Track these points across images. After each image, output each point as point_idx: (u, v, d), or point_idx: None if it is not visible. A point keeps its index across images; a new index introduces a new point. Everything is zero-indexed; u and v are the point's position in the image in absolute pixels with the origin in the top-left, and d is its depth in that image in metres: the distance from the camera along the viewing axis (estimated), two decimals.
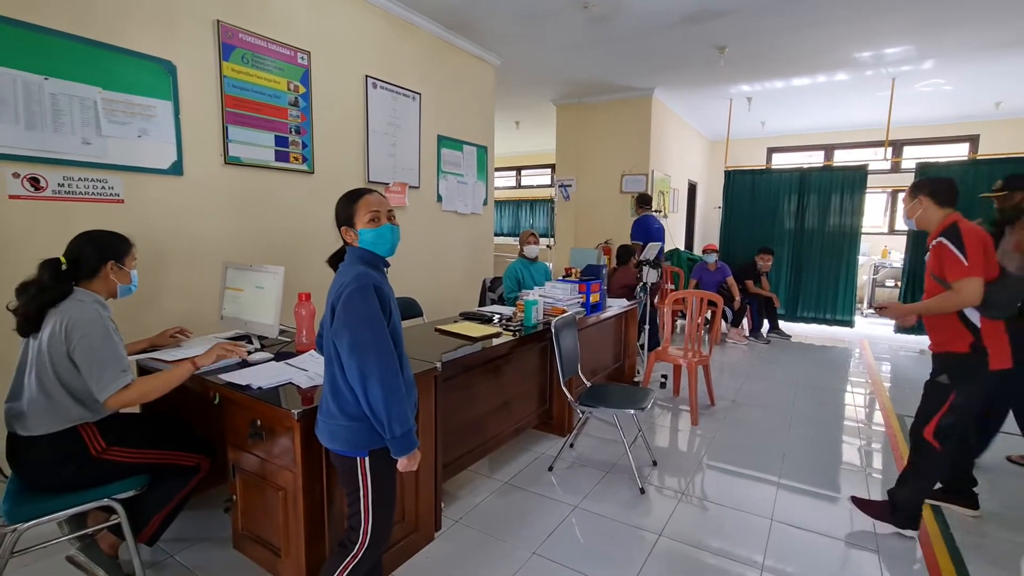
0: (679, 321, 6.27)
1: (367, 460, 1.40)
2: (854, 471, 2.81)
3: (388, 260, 1.52)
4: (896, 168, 7.74)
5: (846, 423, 3.51)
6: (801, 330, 6.51)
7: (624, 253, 4.99)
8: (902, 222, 7.76)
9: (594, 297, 3.42)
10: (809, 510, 2.41)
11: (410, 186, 4.24)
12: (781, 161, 9.33)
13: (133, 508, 1.74)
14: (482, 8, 4.06)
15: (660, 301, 5.22)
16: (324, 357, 1.44)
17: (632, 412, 2.59)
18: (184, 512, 1.93)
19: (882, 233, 8.41)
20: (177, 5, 2.67)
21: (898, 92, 5.95)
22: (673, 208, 7.87)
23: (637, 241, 5.61)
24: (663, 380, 4.19)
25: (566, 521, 2.29)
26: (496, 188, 6.28)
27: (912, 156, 7.87)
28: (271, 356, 2.08)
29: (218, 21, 2.84)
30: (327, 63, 3.48)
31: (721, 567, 2.00)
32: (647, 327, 4.32)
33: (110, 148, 2.45)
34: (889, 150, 7.20)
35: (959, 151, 7.83)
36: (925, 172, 5.71)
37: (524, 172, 11.71)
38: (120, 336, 1.67)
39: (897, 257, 7.67)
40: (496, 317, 3.04)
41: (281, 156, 3.23)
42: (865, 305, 7.74)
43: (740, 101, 6.80)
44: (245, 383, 1.74)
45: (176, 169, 2.71)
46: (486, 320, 2.98)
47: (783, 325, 6.31)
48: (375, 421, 1.34)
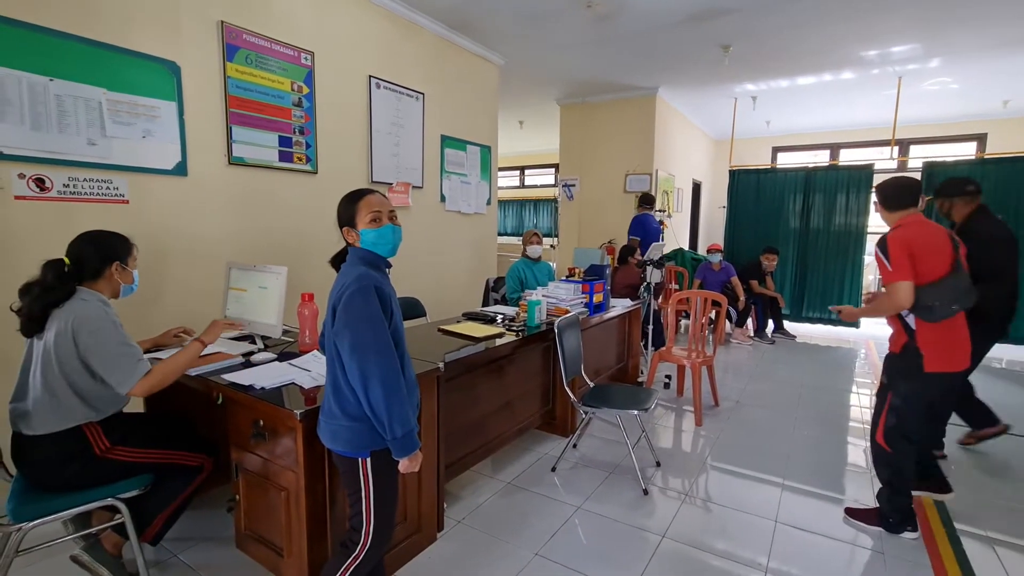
0: (683, 321, 6.25)
1: (369, 461, 1.40)
2: (859, 472, 2.79)
3: (390, 260, 1.51)
4: (903, 167, 7.68)
5: (851, 424, 3.49)
6: (806, 330, 6.47)
7: (627, 252, 4.97)
8: None
9: (597, 297, 3.41)
10: (814, 512, 2.40)
11: (413, 186, 4.25)
12: (786, 160, 9.29)
13: (137, 507, 1.75)
14: (485, 7, 4.06)
15: (664, 301, 5.21)
16: (326, 357, 1.44)
17: (635, 413, 2.58)
18: (187, 512, 1.94)
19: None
20: (181, 6, 2.68)
21: (905, 91, 5.91)
22: (677, 208, 7.85)
23: (634, 236, 5.60)
24: (667, 380, 4.17)
25: (569, 522, 2.28)
26: (500, 188, 6.29)
27: (919, 155, 7.82)
28: (274, 356, 2.08)
29: (222, 22, 2.84)
30: (330, 63, 3.48)
31: (725, 569, 1.99)
32: (651, 327, 4.30)
33: (115, 149, 2.46)
34: (895, 149, 7.14)
35: (966, 150, 7.77)
36: (932, 171, 5.66)
37: (528, 172, 11.70)
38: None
39: None
40: (499, 317, 3.03)
41: (285, 156, 3.23)
42: None
43: (745, 100, 6.77)
44: (248, 383, 1.75)
45: (180, 170, 2.72)
46: (489, 320, 2.97)
47: (788, 325, 6.28)
48: (376, 422, 1.34)
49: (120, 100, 2.47)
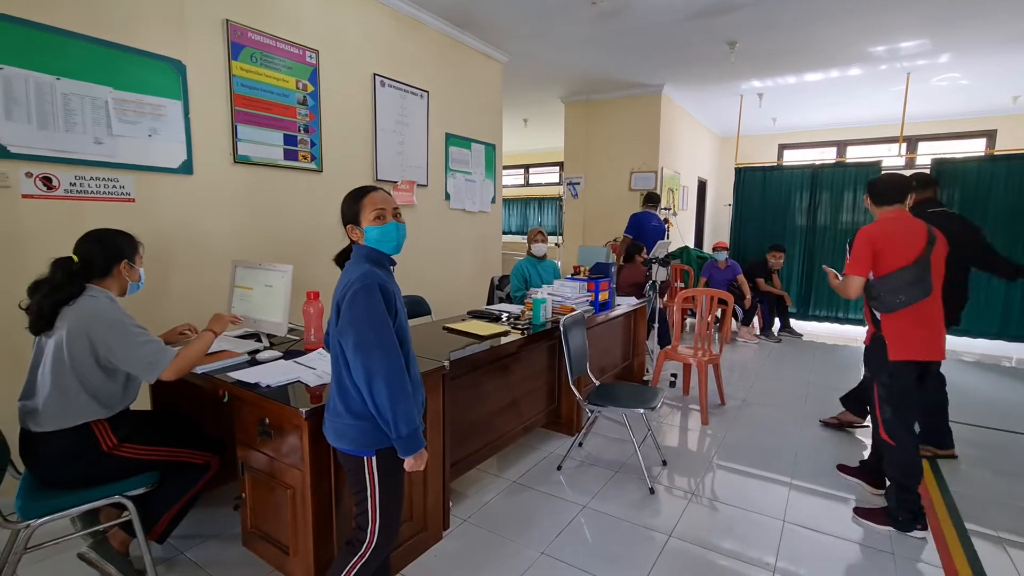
0: (688, 319, 6.22)
1: (374, 459, 1.39)
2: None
3: (394, 258, 1.51)
4: (911, 164, 7.61)
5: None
6: (813, 329, 6.43)
7: (630, 250, 4.95)
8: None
9: (603, 295, 3.40)
10: (822, 511, 2.38)
11: (418, 184, 4.24)
12: (793, 158, 9.23)
13: (144, 505, 1.75)
14: (489, 4, 4.04)
15: (669, 299, 5.19)
16: (331, 356, 1.44)
17: (641, 411, 2.57)
18: (194, 509, 1.94)
19: None
20: (186, 5, 2.68)
21: (913, 87, 5.85)
22: (683, 206, 7.81)
23: (627, 234, 5.58)
24: (672, 379, 4.15)
25: (575, 521, 2.27)
26: (504, 186, 6.27)
27: (927, 152, 7.74)
28: (280, 354, 2.08)
29: (227, 20, 2.85)
30: (335, 62, 3.48)
31: (733, 569, 1.97)
32: (656, 325, 4.28)
33: (121, 147, 2.47)
34: (903, 146, 7.08)
35: (976, 147, 7.69)
36: (940, 168, 5.61)
37: (532, 170, 11.68)
38: None
39: None
40: (504, 315, 3.02)
41: (290, 155, 3.24)
42: None
43: (751, 97, 6.73)
44: (254, 381, 1.75)
45: (186, 168, 2.72)
46: (494, 318, 2.96)
47: (795, 324, 6.24)
48: (381, 421, 1.34)
49: (126, 99, 2.47)
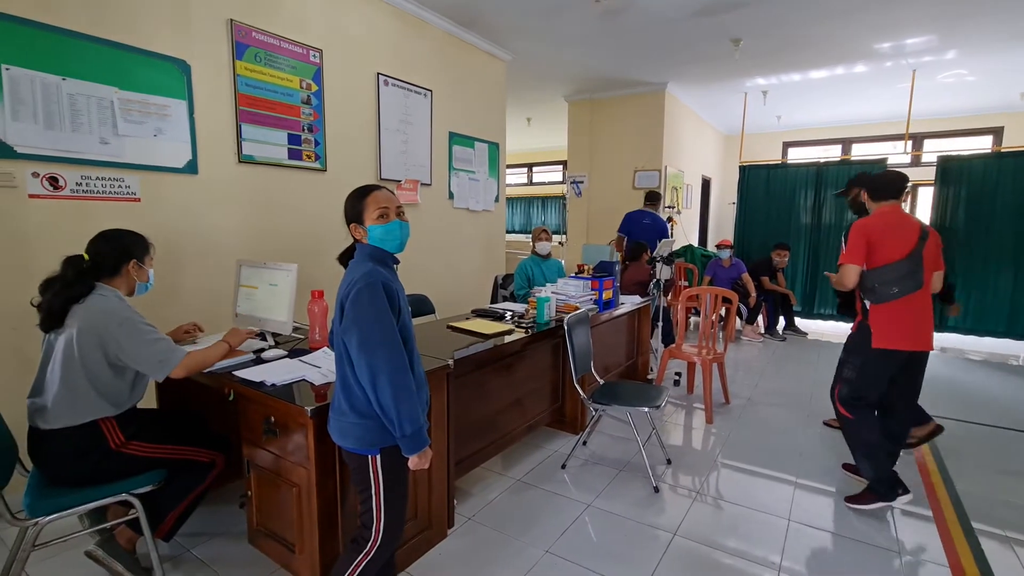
0: (693, 318, 6.20)
1: (378, 458, 1.40)
2: None
3: (398, 257, 1.51)
4: (916, 162, 7.57)
5: None
6: (818, 327, 6.40)
7: (635, 249, 4.94)
8: (923, 216, 7.57)
9: (607, 294, 3.39)
10: (828, 510, 2.37)
11: (422, 183, 4.25)
12: (797, 155, 9.19)
13: (150, 504, 1.76)
14: (493, 3, 4.04)
15: (673, 298, 5.17)
16: (335, 355, 1.44)
17: (646, 410, 2.56)
18: (200, 507, 1.95)
19: None
20: (191, 5, 2.69)
21: (919, 83, 5.81)
22: (687, 204, 7.79)
23: (620, 233, 5.57)
24: (677, 378, 4.15)
25: (579, 519, 2.27)
26: (507, 185, 6.26)
27: (933, 149, 7.69)
28: (285, 353, 2.09)
29: (231, 20, 2.85)
30: (339, 61, 3.49)
31: (738, 567, 1.97)
32: (660, 324, 4.27)
33: (126, 147, 2.48)
34: (909, 143, 7.03)
35: (982, 144, 7.63)
36: (947, 166, 5.58)
37: (535, 169, 11.67)
38: None
39: None
40: (508, 314, 3.02)
41: (294, 154, 3.24)
42: None
43: (755, 95, 6.70)
44: (259, 380, 1.76)
45: (191, 168, 2.73)
46: (498, 317, 2.97)
47: (799, 322, 6.21)
48: (385, 419, 1.34)
49: (131, 99, 2.48)
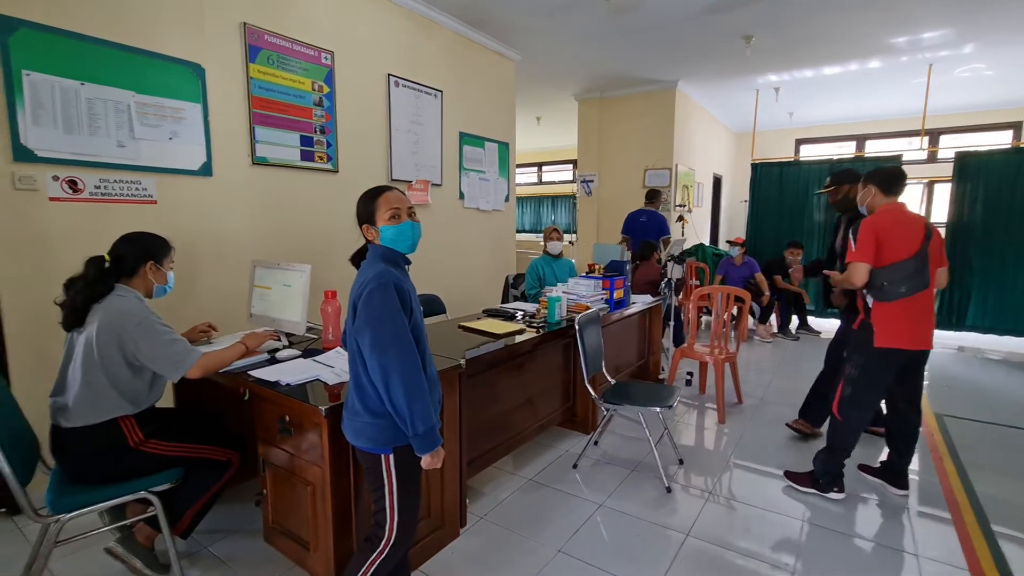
0: (704, 317, 6.16)
1: (392, 457, 1.40)
2: None
3: (409, 257, 1.52)
4: (933, 158, 7.45)
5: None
6: (831, 326, 6.28)
7: (645, 249, 4.92)
8: (940, 213, 7.44)
9: (618, 293, 3.38)
10: (844, 511, 2.34)
11: (432, 183, 4.26)
12: (810, 153, 9.08)
13: (168, 501, 1.79)
14: (502, 2, 4.04)
15: (685, 297, 5.14)
16: (348, 355, 1.45)
17: (658, 410, 2.55)
18: (217, 505, 1.98)
19: None
20: (205, 8, 2.73)
21: (935, 78, 5.71)
22: (698, 202, 7.73)
23: (624, 235, 5.57)
24: (688, 377, 4.12)
25: (591, 519, 2.27)
26: (517, 184, 6.27)
27: (950, 145, 7.57)
28: (298, 353, 2.11)
29: (244, 23, 2.89)
30: (350, 63, 3.51)
31: (751, 569, 1.95)
32: (672, 323, 4.25)
33: (143, 150, 2.52)
34: (925, 139, 6.93)
35: (1001, 139, 7.49)
36: (964, 162, 5.48)
37: (545, 168, 11.66)
38: None
39: None
40: (519, 314, 3.03)
41: (306, 156, 3.27)
42: None
43: (767, 92, 6.63)
44: (274, 379, 1.78)
45: (206, 170, 2.77)
46: (509, 317, 2.97)
47: (812, 321, 6.15)
48: (398, 419, 1.35)
49: (148, 103, 2.52)
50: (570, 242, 8.16)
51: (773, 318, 5.86)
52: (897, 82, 6.14)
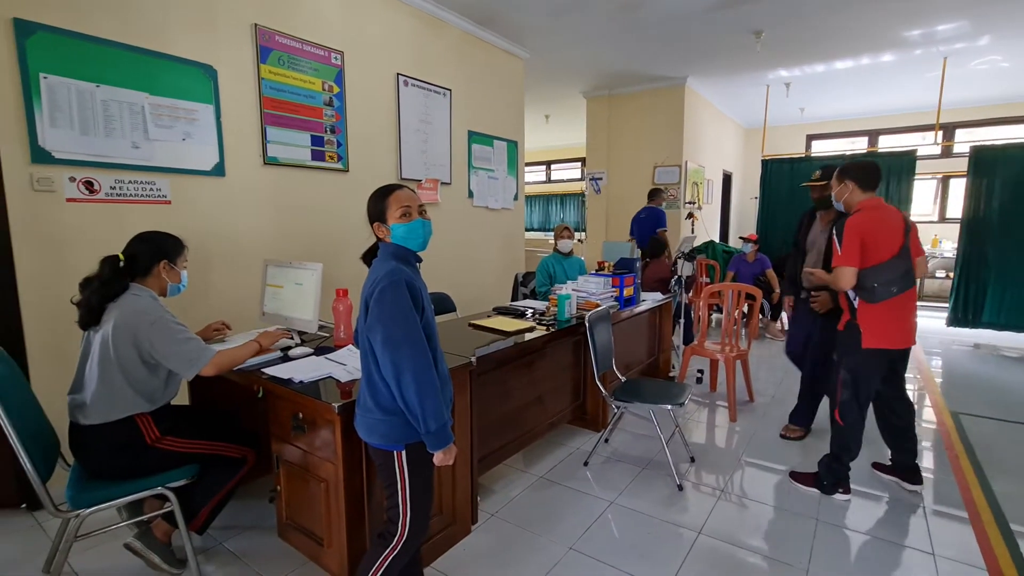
0: (715, 315, 6.12)
1: (404, 454, 1.41)
2: None
3: (420, 255, 1.52)
4: (948, 153, 7.34)
5: None
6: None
7: (656, 246, 4.90)
8: (955, 209, 7.33)
9: (628, 291, 3.37)
10: (857, 510, 2.32)
11: (442, 182, 4.27)
12: (821, 148, 8.98)
13: (184, 498, 1.81)
14: (510, 0, 4.03)
15: (695, 295, 5.11)
16: (360, 352, 1.46)
17: (668, 407, 2.54)
18: (232, 501, 2.00)
19: (932, 222, 7.99)
20: (216, 10, 2.75)
21: (950, 71, 5.62)
22: (707, 199, 7.68)
23: (632, 236, 5.55)
24: (699, 375, 4.10)
25: (602, 516, 2.27)
26: (526, 183, 6.27)
27: (965, 139, 7.45)
28: (311, 351, 2.13)
29: (255, 24, 2.91)
30: (360, 62, 3.53)
31: (764, 567, 1.94)
32: (682, 321, 4.23)
33: (157, 151, 2.55)
34: (940, 134, 6.82)
35: (1018, 132, 7.35)
36: (980, 156, 5.39)
37: (554, 166, 11.64)
38: None
39: (949, 247, 7.28)
40: (529, 312, 3.03)
41: (317, 155, 3.29)
42: None
43: (778, 87, 6.57)
44: (287, 377, 1.79)
45: (218, 170, 2.80)
46: (519, 315, 2.97)
47: None
48: (410, 416, 1.35)
49: (161, 104, 2.55)
50: (579, 240, 8.14)
51: (784, 315, 5.81)
52: (911, 76, 6.05)
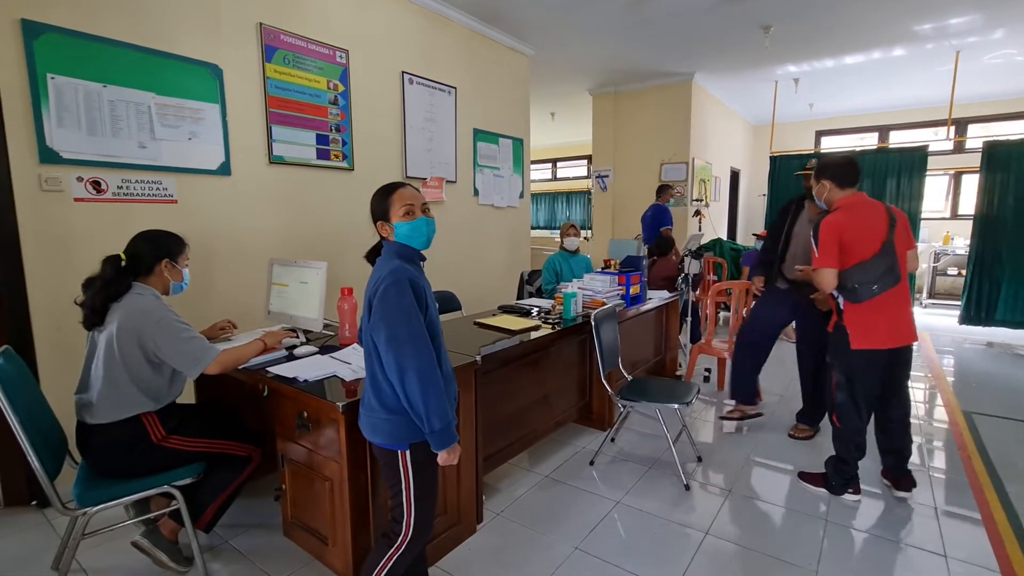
0: (722, 313, 6.07)
1: (408, 453, 1.41)
2: (915, 469, 2.64)
3: (424, 254, 1.51)
4: (960, 148, 7.23)
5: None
6: None
7: (663, 244, 4.86)
8: (967, 205, 7.24)
9: (634, 289, 3.35)
10: (867, 510, 2.29)
11: (447, 180, 4.26)
12: (831, 145, 8.89)
13: (191, 496, 1.82)
14: None
15: (702, 293, 5.08)
16: (364, 351, 1.46)
17: (675, 406, 2.52)
18: (238, 499, 2.01)
19: (944, 218, 7.89)
20: (222, 9, 2.76)
21: (963, 66, 5.54)
22: (715, 197, 7.63)
23: (640, 237, 5.53)
24: (707, 374, 4.07)
25: (608, 516, 2.25)
26: (532, 181, 6.23)
27: (978, 135, 7.33)
28: (316, 350, 2.13)
29: (260, 23, 2.91)
30: (365, 61, 3.53)
31: (773, 569, 1.92)
32: (689, 319, 4.20)
33: (163, 151, 2.56)
34: (952, 129, 6.72)
35: None
36: (993, 151, 5.31)
37: (560, 164, 11.60)
38: None
39: (961, 244, 7.18)
40: (535, 310, 3.02)
41: (322, 154, 3.30)
42: (924, 295, 7.29)
43: (786, 83, 6.50)
44: (292, 376, 1.79)
45: (224, 169, 2.81)
46: (525, 313, 2.96)
47: None
48: (414, 415, 1.35)
49: (168, 104, 2.56)
50: (585, 238, 8.11)
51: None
52: (922, 70, 5.97)
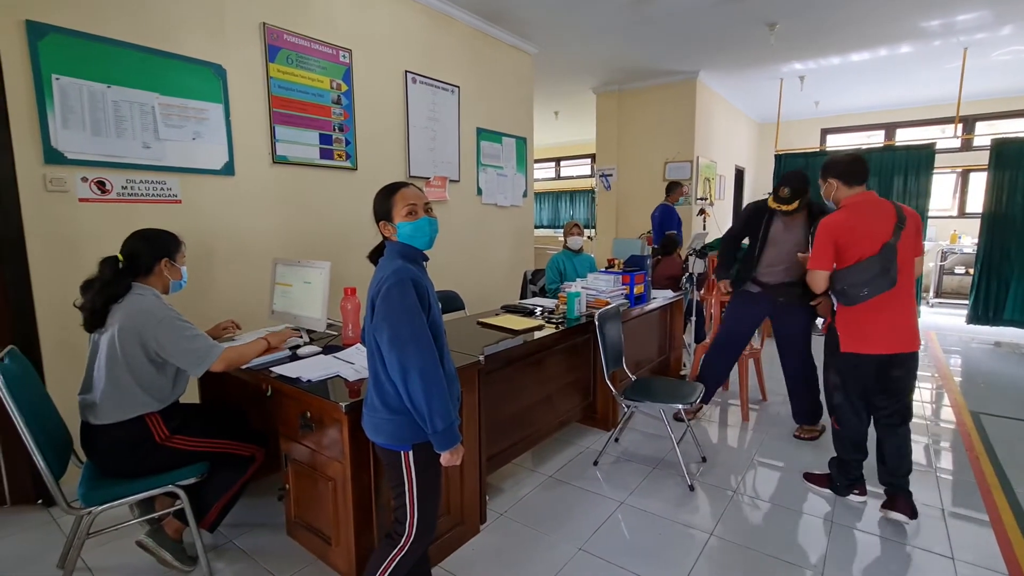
0: None
1: (411, 454, 1.40)
2: (921, 470, 2.63)
3: (427, 253, 1.51)
4: (968, 146, 7.16)
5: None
6: None
7: (667, 243, 4.84)
8: (975, 203, 7.17)
9: (638, 288, 3.34)
10: (874, 512, 2.27)
11: (450, 180, 4.26)
12: (837, 142, 8.83)
13: (195, 496, 1.83)
14: None
15: (707, 292, 5.05)
16: (367, 351, 1.46)
17: (680, 407, 2.51)
18: (241, 499, 2.01)
19: (951, 216, 7.82)
20: (225, 10, 2.76)
21: (971, 63, 5.48)
22: (719, 195, 7.59)
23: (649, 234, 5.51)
24: None
25: (612, 517, 2.25)
26: (535, 180, 6.23)
27: (986, 132, 7.27)
28: (319, 349, 2.13)
29: (264, 23, 2.91)
30: (368, 60, 3.52)
31: (778, 570, 1.91)
32: (693, 319, 4.18)
33: (167, 151, 2.56)
34: (959, 127, 6.66)
35: None
36: (1002, 149, 5.26)
37: (563, 163, 11.57)
38: None
39: (968, 243, 7.12)
40: (538, 310, 3.01)
41: (326, 154, 3.30)
42: (931, 294, 7.24)
43: (792, 80, 6.46)
44: (295, 376, 1.79)
45: (228, 169, 2.81)
46: (528, 313, 2.95)
47: None
48: (416, 415, 1.34)
49: (171, 104, 2.56)
50: (589, 237, 8.09)
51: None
52: (929, 67, 5.91)
